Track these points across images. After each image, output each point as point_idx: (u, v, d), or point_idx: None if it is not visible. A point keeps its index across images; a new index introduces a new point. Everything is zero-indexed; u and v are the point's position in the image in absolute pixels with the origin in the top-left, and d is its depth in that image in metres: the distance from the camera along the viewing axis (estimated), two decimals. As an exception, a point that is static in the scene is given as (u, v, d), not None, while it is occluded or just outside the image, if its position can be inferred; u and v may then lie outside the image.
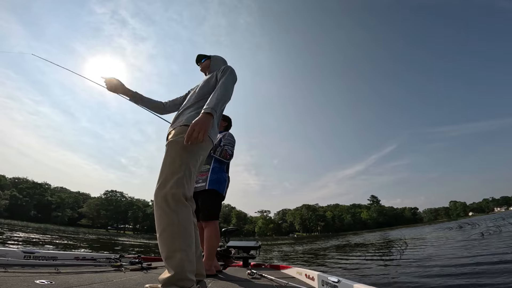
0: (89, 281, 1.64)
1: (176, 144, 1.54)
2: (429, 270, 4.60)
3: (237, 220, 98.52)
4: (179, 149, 1.52)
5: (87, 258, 2.76)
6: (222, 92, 1.68)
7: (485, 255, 5.56)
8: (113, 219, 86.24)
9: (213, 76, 1.90)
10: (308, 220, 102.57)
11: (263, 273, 2.62)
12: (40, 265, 2.05)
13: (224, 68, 1.90)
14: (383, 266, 5.67)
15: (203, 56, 2.19)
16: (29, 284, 1.34)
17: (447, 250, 7.18)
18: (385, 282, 4.00)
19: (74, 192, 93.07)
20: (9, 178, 78.19)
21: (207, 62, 2.13)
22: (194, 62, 2.23)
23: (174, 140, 1.56)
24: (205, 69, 2.12)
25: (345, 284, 1.73)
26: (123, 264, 2.52)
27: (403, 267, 5.16)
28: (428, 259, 5.89)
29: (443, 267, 4.77)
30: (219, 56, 2.20)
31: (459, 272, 4.17)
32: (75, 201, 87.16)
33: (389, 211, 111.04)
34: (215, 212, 2.74)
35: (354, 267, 5.87)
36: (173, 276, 1.29)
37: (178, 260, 1.31)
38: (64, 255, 2.67)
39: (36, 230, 23.43)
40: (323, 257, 9.53)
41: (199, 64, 2.19)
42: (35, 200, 75.66)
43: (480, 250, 6.35)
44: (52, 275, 1.68)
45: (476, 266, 4.51)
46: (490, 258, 5.01)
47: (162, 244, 1.37)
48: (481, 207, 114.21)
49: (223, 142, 2.93)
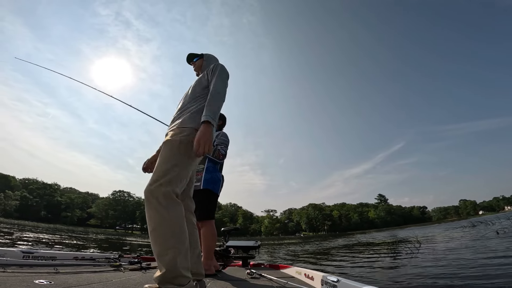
0: (88, 281, 1.66)
1: (170, 143, 1.57)
2: (443, 269, 4.48)
3: (244, 220, 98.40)
4: (174, 148, 1.54)
5: (86, 258, 2.79)
6: (216, 97, 1.66)
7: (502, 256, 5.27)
8: (121, 219, 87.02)
9: (204, 75, 1.87)
10: (314, 219, 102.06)
11: (262, 273, 2.63)
12: (39, 265, 2.08)
13: (214, 67, 1.86)
14: (395, 266, 5.57)
15: (194, 55, 2.12)
16: (28, 284, 1.36)
17: (461, 250, 6.92)
18: (389, 283, 3.91)
19: (83, 193, 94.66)
20: (19, 179, 79.83)
21: (199, 61, 2.07)
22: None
23: (169, 139, 1.59)
24: (198, 69, 2.07)
25: (345, 283, 1.72)
26: (122, 264, 2.55)
27: (415, 267, 5.02)
28: (442, 258, 5.73)
29: (458, 267, 4.60)
30: (211, 55, 2.14)
31: (471, 273, 3.99)
32: (84, 201, 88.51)
33: (397, 210, 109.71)
34: (211, 211, 2.75)
35: (368, 267, 5.77)
36: (165, 273, 1.29)
37: (170, 257, 1.30)
38: (63, 255, 2.71)
39: (46, 230, 23.87)
40: (334, 256, 9.43)
41: (191, 64, 2.13)
42: (45, 201, 77.08)
43: (496, 250, 6.15)
44: (51, 275, 1.71)
45: (489, 267, 4.30)
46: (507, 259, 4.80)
47: (154, 242, 1.36)
48: (491, 206, 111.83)
49: (216, 142, 2.92)
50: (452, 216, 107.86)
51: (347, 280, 1.75)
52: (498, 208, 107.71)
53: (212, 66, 1.87)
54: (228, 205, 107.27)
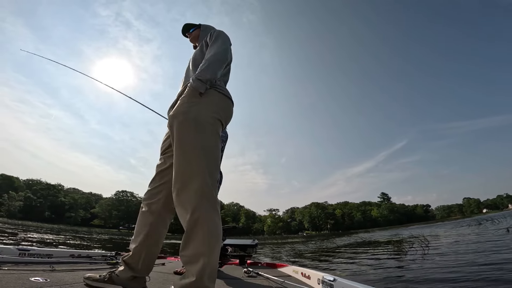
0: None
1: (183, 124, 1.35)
2: (452, 273, 4.19)
3: (246, 219, 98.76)
4: (190, 131, 1.34)
5: (82, 256, 2.80)
6: (211, 59, 1.47)
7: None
8: (124, 219, 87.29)
9: (203, 45, 1.69)
10: (317, 218, 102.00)
11: (259, 272, 2.64)
12: (35, 263, 2.09)
13: (214, 33, 1.69)
14: (401, 266, 5.45)
15: (191, 25, 1.94)
16: (23, 282, 1.37)
17: (471, 249, 6.73)
18: (391, 283, 3.82)
19: (86, 193, 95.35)
20: (23, 180, 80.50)
21: (196, 31, 1.90)
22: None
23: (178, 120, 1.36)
24: (195, 39, 1.89)
25: (341, 282, 1.74)
26: (118, 262, 2.56)
27: (421, 268, 4.87)
28: (452, 260, 5.51)
29: (467, 265, 4.51)
30: (209, 25, 1.95)
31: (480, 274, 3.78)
32: (87, 201, 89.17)
33: (400, 208, 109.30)
34: None
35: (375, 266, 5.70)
36: (193, 283, 1.15)
37: (200, 266, 1.16)
38: (59, 252, 2.73)
39: (49, 231, 24.02)
40: (339, 254, 9.40)
41: (187, 35, 1.95)
42: (48, 201, 77.78)
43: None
44: (47, 272, 1.72)
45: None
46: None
47: (187, 246, 1.21)
48: (495, 204, 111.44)
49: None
50: (456, 215, 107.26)
51: (343, 279, 1.76)
52: (502, 206, 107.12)
53: (210, 32, 1.71)
54: (231, 205, 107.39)
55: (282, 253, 12.25)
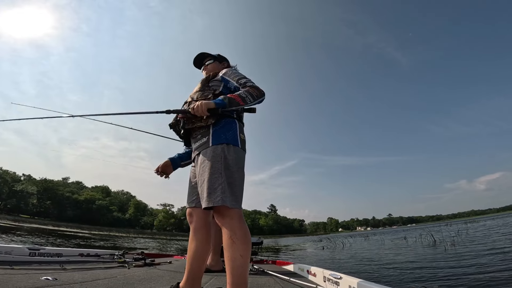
0: (93, 277, 1.70)
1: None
2: None
3: (135, 210, 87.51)
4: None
5: (91, 255, 2.85)
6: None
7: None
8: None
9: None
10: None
11: (264, 269, 2.65)
12: (45, 262, 2.13)
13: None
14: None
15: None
16: (34, 281, 1.40)
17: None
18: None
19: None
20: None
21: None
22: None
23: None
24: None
25: (348, 280, 1.75)
26: (126, 260, 2.58)
27: None
28: None
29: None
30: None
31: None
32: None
33: (283, 220, 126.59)
34: None
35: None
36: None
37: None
38: (69, 251, 2.78)
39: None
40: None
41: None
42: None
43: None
44: (57, 271, 1.75)
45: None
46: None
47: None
48: (348, 225, 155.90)
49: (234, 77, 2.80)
50: (321, 230, 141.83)
51: (350, 277, 1.77)
52: (353, 228, 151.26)
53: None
54: (119, 193, 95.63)
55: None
